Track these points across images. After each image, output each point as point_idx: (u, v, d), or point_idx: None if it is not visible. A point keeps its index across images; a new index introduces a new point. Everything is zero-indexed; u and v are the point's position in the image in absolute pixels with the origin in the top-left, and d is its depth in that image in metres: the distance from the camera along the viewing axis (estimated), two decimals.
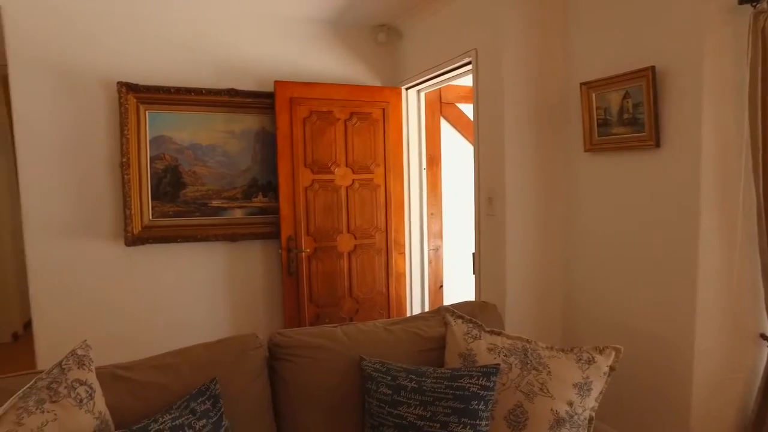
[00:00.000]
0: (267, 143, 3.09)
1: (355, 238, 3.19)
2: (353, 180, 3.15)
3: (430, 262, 3.42)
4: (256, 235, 3.10)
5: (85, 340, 1.35)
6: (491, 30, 2.33)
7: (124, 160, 2.74)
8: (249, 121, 3.05)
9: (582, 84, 2.18)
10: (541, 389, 1.48)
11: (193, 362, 1.53)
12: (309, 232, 3.08)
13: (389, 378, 1.51)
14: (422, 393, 1.43)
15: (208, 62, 2.95)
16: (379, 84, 3.32)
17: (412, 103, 3.27)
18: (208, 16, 2.93)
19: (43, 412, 1.13)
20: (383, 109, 3.17)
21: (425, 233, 3.36)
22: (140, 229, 2.84)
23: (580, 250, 2.33)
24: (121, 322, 2.80)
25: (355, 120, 3.12)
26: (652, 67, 1.85)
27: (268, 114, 3.04)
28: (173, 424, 1.21)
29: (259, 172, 3.11)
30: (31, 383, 1.18)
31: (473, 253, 2.58)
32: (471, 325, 1.70)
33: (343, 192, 3.14)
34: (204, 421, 1.27)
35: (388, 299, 3.29)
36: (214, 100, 2.93)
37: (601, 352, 1.55)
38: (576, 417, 1.46)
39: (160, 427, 1.19)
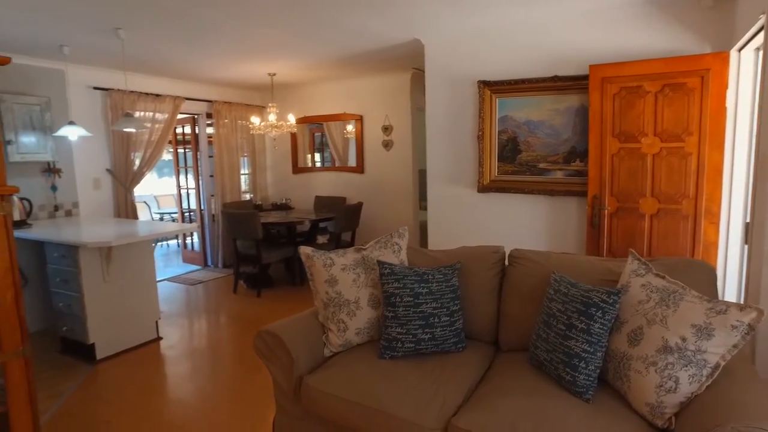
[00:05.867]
0: (585, 117, 3.72)
1: (659, 202, 3.42)
2: (661, 148, 3.37)
3: None
4: (570, 193, 3.85)
5: (404, 226, 2.75)
6: None
7: (480, 133, 4.07)
8: (570, 100, 3.77)
9: None
10: (661, 321, 1.85)
11: (457, 253, 2.70)
12: (612, 192, 3.57)
13: (557, 285, 2.21)
14: (566, 296, 2.09)
15: (537, 57, 3.84)
16: (708, 50, 3.29)
17: (746, 65, 3.09)
18: (538, 19, 3.78)
19: (379, 250, 2.58)
20: (702, 77, 3.19)
21: (749, 206, 3.17)
22: (488, 181, 4.14)
23: None
24: (471, 240, 4.24)
25: (667, 91, 3.30)
26: None
27: (586, 93, 3.65)
28: (425, 270, 2.43)
29: (577, 141, 3.80)
30: (378, 239, 2.66)
31: (746, 222, 2.52)
32: (642, 266, 2.11)
33: (648, 159, 3.42)
34: (442, 276, 2.43)
35: None
36: (543, 86, 3.81)
37: (741, 309, 1.72)
38: (688, 352, 1.75)
39: (421, 270, 2.43)
